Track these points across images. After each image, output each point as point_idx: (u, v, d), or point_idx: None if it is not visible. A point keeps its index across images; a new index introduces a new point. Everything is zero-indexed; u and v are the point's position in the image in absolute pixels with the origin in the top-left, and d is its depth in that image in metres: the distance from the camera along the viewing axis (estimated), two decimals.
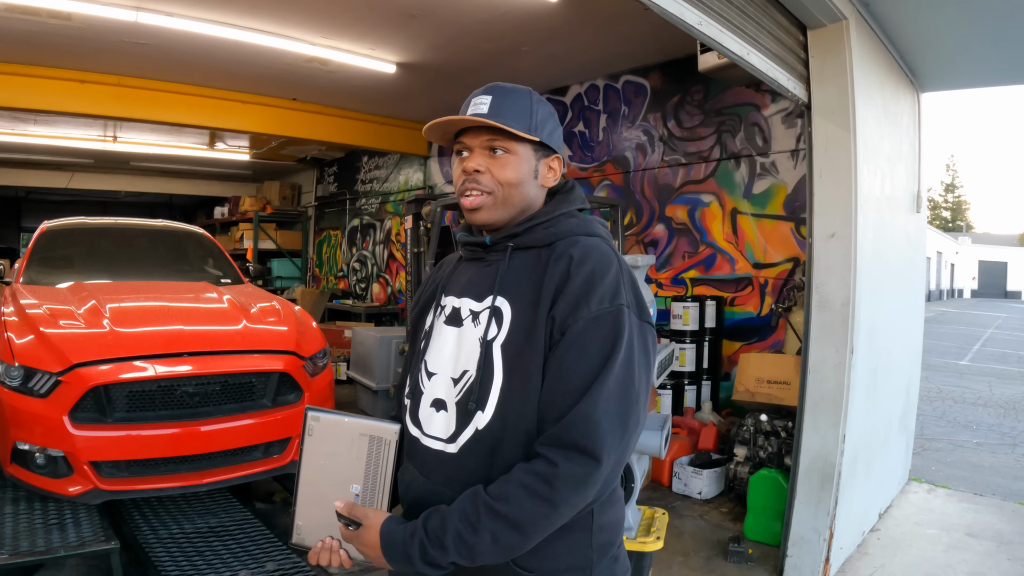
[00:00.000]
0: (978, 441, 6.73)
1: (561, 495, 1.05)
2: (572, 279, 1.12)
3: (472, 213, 1.22)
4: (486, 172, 1.20)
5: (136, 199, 14.70)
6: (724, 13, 2.73)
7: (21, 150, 10.16)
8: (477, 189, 1.20)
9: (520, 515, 1.05)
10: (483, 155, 1.21)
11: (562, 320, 1.11)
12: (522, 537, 1.07)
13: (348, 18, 5.09)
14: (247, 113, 7.40)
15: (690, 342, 5.14)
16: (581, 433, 1.05)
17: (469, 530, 1.05)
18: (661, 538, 2.71)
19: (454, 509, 1.08)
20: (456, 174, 1.24)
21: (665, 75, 5.96)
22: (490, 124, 1.18)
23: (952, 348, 15.28)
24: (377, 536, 1.12)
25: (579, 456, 1.05)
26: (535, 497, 1.05)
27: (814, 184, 3.40)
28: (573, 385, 1.08)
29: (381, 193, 10.19)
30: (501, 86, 1.23)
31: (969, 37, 3.88)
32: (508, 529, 1.05)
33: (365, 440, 1.24)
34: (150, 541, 3.14)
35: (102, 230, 5.11)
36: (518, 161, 1.21)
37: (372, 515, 1.15)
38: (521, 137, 1.20)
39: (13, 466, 3.16)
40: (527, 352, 1.13)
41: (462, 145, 1.23)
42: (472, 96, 1.23)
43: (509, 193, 1.21)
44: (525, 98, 1.23)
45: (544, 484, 1.04)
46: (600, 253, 1.17)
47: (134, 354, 3.27)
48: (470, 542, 1.05)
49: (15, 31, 5.21)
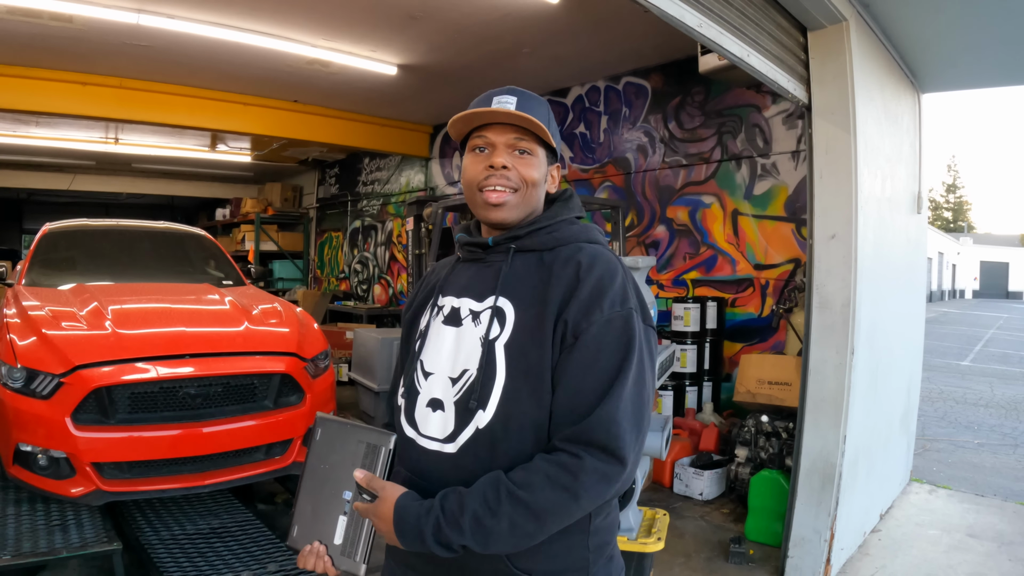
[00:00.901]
0: (979, 442, 6.72)
1: (584, 487, 1.06)
2: (583, 284, 1.14)
3: (493, 209, 1.22)
4: (513, 169, 1.21)
5: (138, 201, 14.71)
6: (724, 15, 2.74)
7: (23, 152, 10.18)
8: (504, 185, 1.21)
9: (542, 503, 1.05)
10: (508, 153, 1.22)
11: (575, 324, 1.12)
12: (539, 526, 1.07)
13: (349, 20, 5.10)
14: (248, 115, 7.42)
15: (691, 343, 5.14)
16: (605, 434, 1.07)
17: (488, 513, 1.05)
18: (662, 539, 2.71)
19: (474, 491, 1.08)
20: (477, 169, 1.23)
21: (666, 76, 5.97)
22: (532, 120, 1.19)
23: (954, 349, 15.27)
24: (391, 510, 1.11)
25: (601, 454, 1.07)
26: (558, 487, 1.05)
27: (814, 185, 3.40)
28: (591, 387, 1.10)
29: (382, 195, 10.20)
30: (521, 90, 1.25)
31: (969, 38, 3.89)
32: (528, 517, 1.06)
33: (361, 447, 1.25)
34: (152, 542, 3.14)
35: (104, 232, 5.11)
36: (539, 163, 1.24)
37: (389, 488, 1.14)
38: (542, 140, 1.23)
39: (15, 467, 3.17)
40: (532, 352, 1.14)
41: (484, 140, 1.23)
42: (493, 94, 1.23)
43: (531, 193, 1.23)
44: (544, 105, 1.26)
45: (568, 475, 1.05)
46: (606, 259, 1.19)
47: (136, 356, 3.28)
48: (487, 525, 1.05)
49: (17, 33, 5.23)
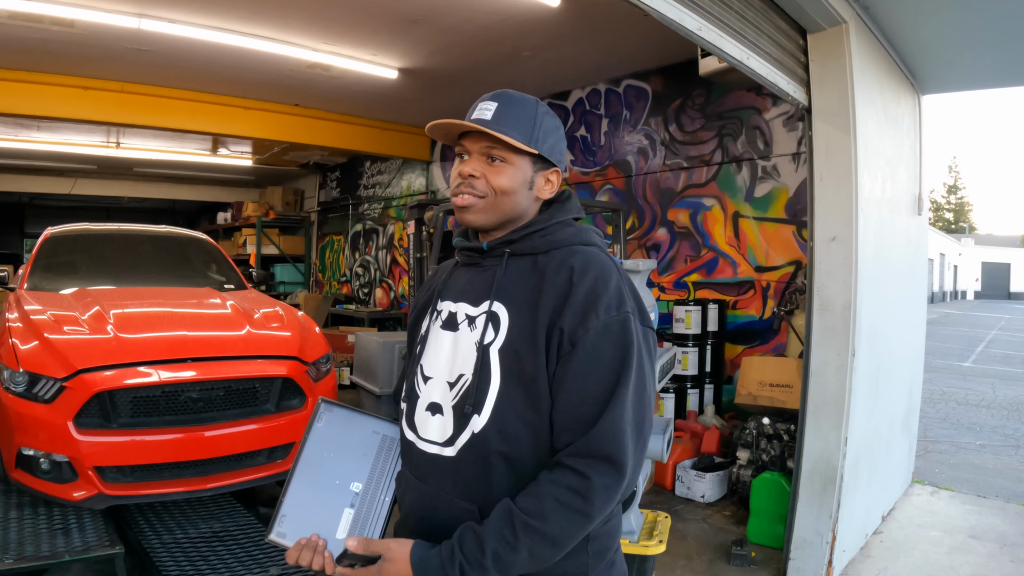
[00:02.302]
0: (981, 443, 6.71)
1: (595, 507, 1.07)
2: (576, 289, 1.13)
3: (462, 212, 1.24)
4: (481, 177, 1.21)
5: (139, 205, 14.75)
6: (723, 18, 2.74)
7: (24, 156, 10.20)
8: (469, 193, 1.22)
9: (558, 531, 1.06)
10: (481, 161, 1.22)
11: (571, 331, 1.11)
12: (558, 551, 1.09)
13: (350, 24, 5.11)
14: (250, 119, 7.43)
15: (692, 346, 5.14)
16: (610, 444, 1.07)
17: (508, 549, 1.06)
18: (664, 541, 2.72)
19: (489, 529, 1.07)
20: (453, 175, 1.25)
21: (666, 79, 5.98)
22: (487, 132, 1.19)
23: (955, 350, 15.25)
24: (408, 566, 1.08)
25: (607, 467, 1.07)
26: (571, 511, 1.06)
27: (815, 187, 3.41)
28: (592, 396, 1.09)
29: (383, 198, 10.21)
30: (509, 94, 1.24)
31: (968, 39, 3.89)
32: (545, 545, 1.07)
33: (377, 439, 1.22)
34: (154, 546, 3.14)
35: (106, 236, 5.12)
36: (513, 171, 1.22)
37: (395, 546, 1.11)
38: (519, 148, 1.21)
39: (18, 471, 3.17)
40: (526, 357, 1.13)
41: (463, 148, 1.25)
42: (480, 100, 1.24)
43: (500, 200, 1.22)
44: (531, 109, 1.24)
45: (580, 498, 1.06)
46: (600, 262, 1.18)
47: (138, 360, 3.28)
48: (508, 560, 1.06)
49: (18, 38, 5.25)
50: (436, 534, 1.12)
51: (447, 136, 1.27)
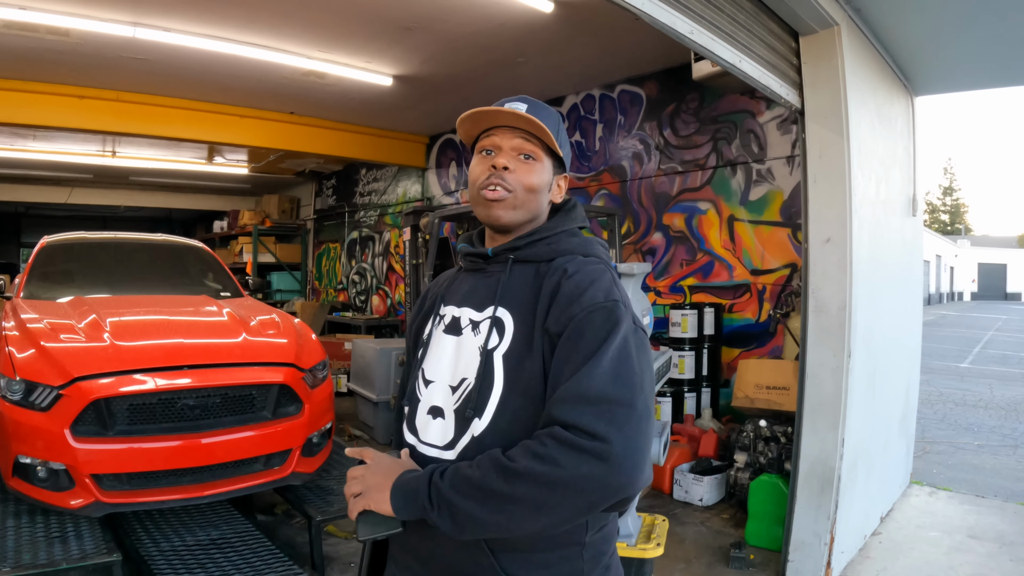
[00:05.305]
0: (979, 443, 6.72)
1: (562, 451, 0.99)
2: (563, 287, 1.14)
3: (491, 205, 1.22)
4: (514, 172, 1.23)
5: (135, 214, 14.75)
6: (715, 21, 2.76)
7: (20, 165, 10.19)
8: (502, 186, 1.22)
9: (523, 468, 1.01)
10: (512, 156, 1.23)
11: (558, 325, 1.12)
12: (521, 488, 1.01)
13: (344, 32, 5.13)
14: (245, 127, 7.44)
15: (689, 349, 5.15)
16: (569, 409, 1.03)
17: (471, 466, 1.06)
18: (661, 545, 2.72)
19: (459, 464, 1.10)
20: (480, 170, 1.24)
21: (660, 84, 6.00)
22: (537, 123, 1.20)
23: (953, 351, 15.28)
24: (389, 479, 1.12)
25: (571, 433, 1.01)
26: (535, 457, 1.01)
27: (809, 189, 3.42)
28: (572, 367, 1.06)
29: (379, 205, 10.22)
30: (533, 99, 1.26)
31: (960, 40, 3.92)
32: (504, 475, 1.02)
33: None
34: (152, 553, 3.13)
35: (102, 245, 5.12)
36: (542, 169, 1.25)
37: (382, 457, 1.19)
38: (548, 148, 1.24)
39: (15, 479, 3.16)
40: (527, 362, 1.14)
41: (490, 143, 1.25)
42: (504, 101, 1.25)
43: (528, 198, 1.24)
44: (555, 115, 1.28)
45: (540, 444, 1.02)
46: (592, 266, 1.19)
47: (135, 367, 3.27)
48: (466, 474, 1.05)
49: (14, 47, 5.26)
50: (436, 534, 1.11)
51: (471, 132, 1.28)
